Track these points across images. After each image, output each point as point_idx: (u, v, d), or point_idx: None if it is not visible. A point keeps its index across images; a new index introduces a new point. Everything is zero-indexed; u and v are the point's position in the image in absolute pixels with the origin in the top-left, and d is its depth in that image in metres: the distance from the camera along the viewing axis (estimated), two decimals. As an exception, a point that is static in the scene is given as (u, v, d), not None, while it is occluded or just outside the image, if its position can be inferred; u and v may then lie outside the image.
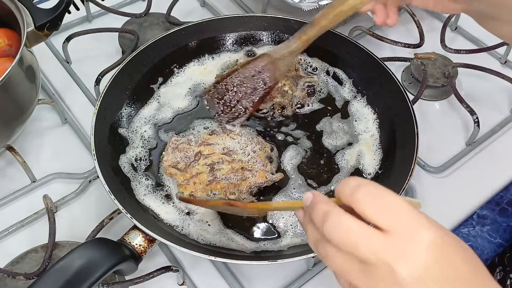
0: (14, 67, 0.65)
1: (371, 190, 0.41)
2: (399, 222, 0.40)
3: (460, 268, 0.40)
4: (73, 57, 0.90)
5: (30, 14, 0.71)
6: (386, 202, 0.40)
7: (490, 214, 0.75)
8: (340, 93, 0.81)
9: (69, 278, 0.52)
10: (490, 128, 0.82)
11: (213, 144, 0.71)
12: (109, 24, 0.95)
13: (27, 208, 0.72)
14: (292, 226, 0.66)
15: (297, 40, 0.71)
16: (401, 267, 0.39)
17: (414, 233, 0.39)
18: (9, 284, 0.63)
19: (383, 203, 0.40)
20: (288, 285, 0.66)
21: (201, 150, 0.70)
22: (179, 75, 0.83)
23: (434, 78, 0.87)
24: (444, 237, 0.40)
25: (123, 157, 0.72)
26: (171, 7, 0.94)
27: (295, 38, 0.72)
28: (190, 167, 0.69)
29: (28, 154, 0.77)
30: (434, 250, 0.39)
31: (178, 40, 0.83)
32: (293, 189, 0.70)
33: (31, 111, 0.74)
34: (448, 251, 0.40)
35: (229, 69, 0.80)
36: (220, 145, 0.72)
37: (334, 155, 0.74)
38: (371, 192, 0.41)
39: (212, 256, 0.59)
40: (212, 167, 0.69)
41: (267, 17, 0.86)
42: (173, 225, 0.66)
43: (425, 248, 0.39)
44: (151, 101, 0.79)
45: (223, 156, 0.70)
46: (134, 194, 0.69)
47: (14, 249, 0.67)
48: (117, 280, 0.63)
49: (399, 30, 0.98)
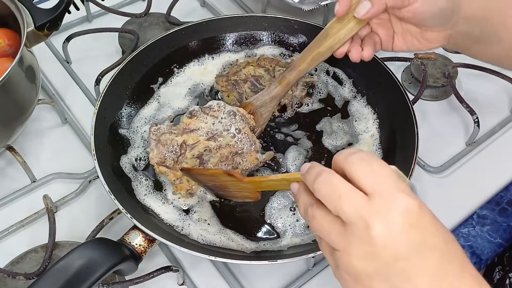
0: (14, 67, 0.65)
1: (363, 156, 0.44)
2: (383, 186, 0.42)
3: (432, 237, 0.42)
4: (73, 57, 0.90)
5: (30, 14, 0.71)
6: (375, 167, 0.43)
7: (490, 214, 0.75)
8: (340, 93, 0.81)
9: (69, 278, 0.52)
10: (490, 128, 0.82)
11: (196, 130, 0.71)
12: (109, 24, 0.95)
13: (27, 208, 0.71)
14: (290, 226, 0.67)
15: (278, 85, 0.73)
16: (377, 225, 0.41)
17: (395, 198, 0.42)
18: (9, 284, 0.63)
19: (371, 168, 0.43)
20: (288, 285, 0.66)
21: (185, 140, 0.70)
22: (179, 75, 0.83)
23: (434, 78, 0.87)
24: (422, 208, 0.42)
25: (124, 158, 0.72)
26: (171, 7, 0.94)
27: (275, 83, 0.73)
28: (178, 163, 0.69)
29: (28, 154, 0.77)
30: (410, 216, 0.41)
31: (178, 40, 0.83)
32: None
33: (31, 111, 0.74)
34: (423, 220, 0.42)
35: (229, 69, 0.80)
36: (203, 129, 0.71)
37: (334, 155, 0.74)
38: (362, 157, 0.44)
39: (212, 256, 0.59)
40: (201, 159, 0.68)
41: (267, 17, 0.86)
42: (173, 225, 0.66)
43: (402, 212, 0.41)
44: (151, 101, 0.79)
45: (209, 143, 0.69)
46: (135, 194, 0.69)
47: (14, 249, 0.67)
48: (117, 280, 0.63)
49: (399, 30, 0.98)
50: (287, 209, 0.68)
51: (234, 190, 0.61)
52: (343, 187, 0.43)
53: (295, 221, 0.67)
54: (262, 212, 0.68)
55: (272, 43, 0.86)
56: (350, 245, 0.42)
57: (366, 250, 0.42)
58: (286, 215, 0.67)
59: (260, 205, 0.68)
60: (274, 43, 0.86)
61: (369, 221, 0.41)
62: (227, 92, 0.78)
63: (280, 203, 0.68)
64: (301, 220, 0.67)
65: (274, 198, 0.69)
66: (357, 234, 0.42)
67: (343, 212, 0.42)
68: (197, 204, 0.68)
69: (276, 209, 0.68)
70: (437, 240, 0.42)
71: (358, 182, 0.43)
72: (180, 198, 0.68)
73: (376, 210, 0.41)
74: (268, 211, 0.68)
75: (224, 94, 0.78)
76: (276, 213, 0.67)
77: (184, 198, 0.68)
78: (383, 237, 0.41)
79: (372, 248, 0.41)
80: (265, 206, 0.68)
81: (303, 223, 0.67)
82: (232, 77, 0.80)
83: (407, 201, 0.42)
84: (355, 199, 0.42)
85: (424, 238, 0.42)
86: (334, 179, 0.44)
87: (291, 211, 0.68)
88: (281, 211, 0.68)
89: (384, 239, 0.41)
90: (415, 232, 0.41)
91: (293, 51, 0.85)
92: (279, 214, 0.67)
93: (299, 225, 0.67)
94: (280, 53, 0.85)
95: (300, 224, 0.67)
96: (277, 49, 0.86)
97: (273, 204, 0.68)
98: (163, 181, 0.70)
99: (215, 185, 0.64)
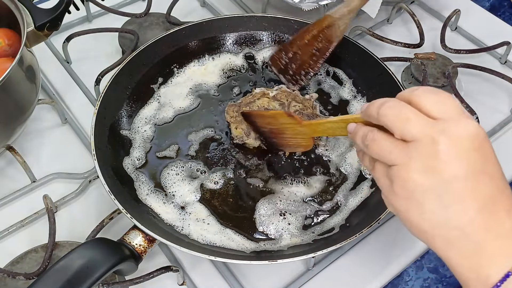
0: (14, 67, 0.65)
1: (429, 88, 0.46)
2: (451, 112, 0.44)
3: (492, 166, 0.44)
4: (73, 57, 0.90)
5: (30, 14, 0.71)
6: (442, 97, 0.45)
7: (490, 214, 0.75)
8: (340, 93, 0.81)
9: (69, 278, 0.52)
10: (490, 128, 0.82)
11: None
12: (109, 24, 0.95)
13: (27, 208, 0.71)
14: (284, 230, 0.66)
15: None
16: (443, 141, 0.42)
17: (463, 122, 0.44)
18: (9, 284, 0.63)
19: (439, 98, 0.45)
20: (288, 285, 0.66)
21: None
22: (179, 75, 0.83)
23: (434, 78, 0.87)
24: (486, 137, 0.44)
25: (127, 159, 0.72)
26: (171, 7, 0.94)
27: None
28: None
29: (28, 154, 0.77)
30: (475, 141, 0.43)
31: (178, 40, 0.83)
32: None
33: (31, 111, 0.74)
34: (487, 148, 0.44)
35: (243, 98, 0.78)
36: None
37: (337, 157, 0.74)
38: (429, 89, 0.46)
39: (212, 256, 0.59)
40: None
41: (267, 17, 0.86)
42: (173, 225, 0.66)
43: (468, 135, 0.43)
44: (151, 101, 0.79)
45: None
46: (137, 194, 0.69)
47: (14, 249, 0.67)
48: (117, 280, 0.63)
49: (399, 30, 0.98)
50: (276, 214, 0.67)
51: (289, 136, 0.63)
52: (411, 111, 0.44)
53: (287, 225, 0.67)
54: (253, 218, 0.67)
55: (272, 43, 0.86)
56: (411, 159, 0.44)
57: (428, 164, 0.43)
58: (277, 220, 0.67)
59: (253, 207, 0.68)
60: (274, 43, 0.86)
61: (436, 137, 0.43)
62: (235, 123, 0.74)
63: (267, 209, 0.68)
64: (292, 224, 0.67)
65: (260, 205, 0.68)
66: (421, 149, 0.43)
67: (410, 132, 0.44)
68: (191, 204, 0.68)
69: (265, 215, 0.67)
70: (495, 170, 0.44)
71: (426, 110, 0.44)
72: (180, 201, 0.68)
73: (443, 129, 0.43)
74: (258, 218, 0.67)
75: (232, 125, 0.75)
76: (266, 219, 0.67)
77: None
78: (447, 153, 0.42)
79: (434, 162, 0.43)
80: (254, 214, 0.68)
81: (296, 226, 0.67)
82: (244, 107, 0.75)
83: (474, 126, 0.43)
84: (423, 120, 0.44)
85: (485, 165, 0.43)
86: (401, 104, 0.45)
87: (281, 215, 0.67)
88: (271, 217, 0.67)
89: (447, 156, 0.42)
90: (478, 157, 0.43)
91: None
92: (270, 220, 0.67)
93: (292, 228, 0.66)
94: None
95: (294, 227, 0.66)
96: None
97: (260, 211, 0.68)
98: (163, 181, 0.70)
99: (272, 129, 0.66)
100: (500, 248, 0.43)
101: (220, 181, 0.71)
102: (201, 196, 0.69)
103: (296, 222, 0.67)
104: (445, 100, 0.45)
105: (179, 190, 0.69)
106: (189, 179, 0.71)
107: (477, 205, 0.43)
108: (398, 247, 0.69)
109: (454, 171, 0.42)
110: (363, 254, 0.68)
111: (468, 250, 0.44)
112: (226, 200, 0.69)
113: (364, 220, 0.64)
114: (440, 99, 0.45)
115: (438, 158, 0.42)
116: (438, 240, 0.45)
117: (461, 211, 0.43)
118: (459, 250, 0.44)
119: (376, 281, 0.66)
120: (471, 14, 1.00)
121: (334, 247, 0.60)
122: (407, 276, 0.69)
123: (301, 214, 0.68)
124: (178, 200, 0.69)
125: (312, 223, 0.67)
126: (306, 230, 0.66)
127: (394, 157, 0.45)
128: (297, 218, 0.67)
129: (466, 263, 0.44)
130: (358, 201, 0.69)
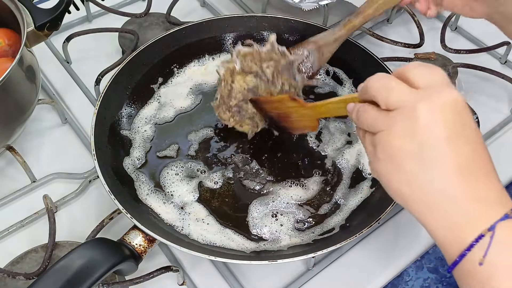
0: (14, 67, 0.65)
1: (422, 63, 0.48)
2: (435, 81, 0.46)
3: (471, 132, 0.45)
4: (73, 57, 0.90)
5: (30, 14, 0.71)
6: (432, 69, 0.47)
7: (490, 214, 0.75)
8: (340, 93, 0.81)
9: (69, 278, 0.52)
10: (490, 128, 0.82)
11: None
12: (109, 24, 0.95)
13: (27, 208, 0.71)
14: (277, 231, 0.66)
15: (342, 28, 0.74)
16: (422, 107, 0.44)
17: (444, 89, 0.45)
18: (9, 284, 0.63)
19: (428, 70, 0.47)
20: (288, 285, 0.66)
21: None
22: (179, 75, 0.83)
23: (434, 78, 0.87)
24: (466, 105, 0.46)
25: (127, 159, 0.72)
26: (171, 7, 0.94)
27: (340, 26, 0.74)
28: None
29: (28, 154, 0.77)
30: (455, 107, 0.44)
31: (178, 40, 0.83)
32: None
33: (31, 111, 0.74)
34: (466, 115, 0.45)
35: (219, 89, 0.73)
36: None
37: (334, 156, 0.74)
38: (419, 63, 0.48)
39: (212, 256, 0.59)
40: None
41: (267, 17, 0.86)
42: (173, 225, 0.66)
43: (448, 102, 0.44)
44: (151, 101, 0.79)
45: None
46: (137, 194, 0.69)
47: (14, 249, 0.67)
48: (117, 280, 0.63)
49: (399, 30, 0.98)
50: (268, 216, 0.67)
51: (295, 119, 0.65)
52: (395, 82, 0.46)
53: (280, 226, 0.67)
54: (246, 221, 0.67)
55: (272, 43, 0.86)
56: (393, 124, 0.45)
57: (408, 128, 0.44)
58: (270, 222, 0.67)
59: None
60: (274, 43, 0.86)
61: (416, 104, 0.44)
62: (238, 123, 0.72)
63: (259, 211, 0.68)
64: (285, 225, 0.67)
65: (252, 208, 0.68)
66: (402, 115, 0.45)
67: (393, 100, 0.46)
68: (190, 204, 0.68)
69: (257, 218, 0.67)
70: (474, 135, 0.45)
71: (412, 81, 0.46)
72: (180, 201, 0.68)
73: (424, 96, 0.44)
74: (251, 221, 0.67)
75: (237, 127, 0.73)
76: (259, 222, 0.67)
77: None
78: (426, 118, 0.44)
79: (413, 127, 0.44)
80: (246, 217, 0.68)
81: (289, 226, 0.67)
82: (229, 102, 0.71)
83: (455, 94, 0.45)
84: (406, 89, 0.46)
85: (464, 130, 0.44)
86: (387, 76, 0.48)
87: (273, 217, 0.67)
88: (263, 219, 0.67)
89: (426, 120, 0.44)
90: (457, 123, 0.44)
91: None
92: (263, 223, 0.67)
93: (286, 229, 0.66)
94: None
95: (286, 228, 0.66)
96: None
97: (253, 214, 0.68)
98: (163, 182, 0.70)
99: (279, 114, 0.68)
100: (477, 210, 0.44)
101: (220, 181, 0.71)
102: (200, 196, 0.69)
103: (291, 225, 0.67)
104: (432, 71, 0.47)
105: (177, 190, 0.69)
106: (187, 179, 0.71)
107: (456, 168, 0.44)
108: (398, 247, 0.69)
109: (433, 135, 0.44)
110: (363, 254, 0.68)
111: (447, 213, 0.45)
112: (225, 200, 0.69)
113: (364, 220, 0.64)
114: (428, 71, 0.47)
115: (417, 123, 0.44)
116: (417, 203, 0.46)
117: (440, 173, 0.44)
118: (438, 213, 0.45)
119: (376, 281, 0.66)
120: (471, 14, 1.00)
121: (334, 247, 0.60)
122: (407, 276, 0.69)
123: (297, 217, 0.68)
124: (176, 200, 0.69)
125: (310, 225, 0.67)
126: (305, 230, 0.66)
127: (379, 124, 0.47)
128: (289, 219, 0.67)
129: (443, 225, 0.45)
130: (358, 201, 0.69)
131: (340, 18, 0.98)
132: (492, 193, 0.45)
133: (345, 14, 0.98)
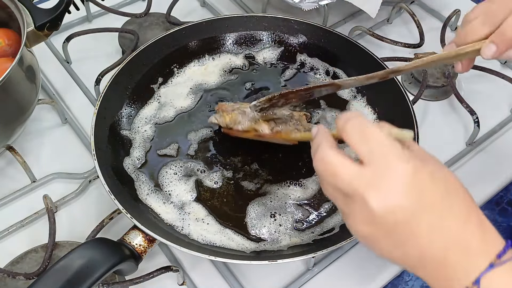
0: (14, 67, 0.65)
1: (358, 121, 0.45)
2: (376, 153, 0.43)
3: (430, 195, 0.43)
4: (73, 57, 0.90)
5: (30, 14, 0.71)
6: (368, 133, 0.44)
7: (490, 214, 0.75)
8: (340, 93, 0.81)
9: (69, 278, 0.52)
10: (490, 128, 0.82)
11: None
12: (109, 24, 0.95)
13: (27, 208, 0.72)
14: (276, 231, 0.66)
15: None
16: (372, 198, 0.42)
17: (389, 165, 0.42)
18: (9, 284, 0.63)
19: (364, 137, 0.44)
20: (288, 285, 0.66)
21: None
22: (179, 75, 0.83)
23: (434, 78, 0.87)
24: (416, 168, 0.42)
25: (127, 159, 0.72)
26: (171, 7, 0.94)
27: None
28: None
29: (28, 154, 0.77)
30: (404, 183, 0.42)
31: (178, 40, 0.83)
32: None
33: (31, 111, 0.74)
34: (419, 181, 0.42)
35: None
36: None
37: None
38: (357, 123, 0.45)
39: (212, 256, 0.59)
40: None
41: (267, 17, 0.86)
42: (173, 225, 0.66)
43: (395, 180, 0.42)
44: (151, 101, 0.79)
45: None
46: (137, 194, 0.69)
47: (14, 249, 0.67)
48: (117, 280, 0.63)
49: (399, 30, 0.98)
50: (267, 216, 0.67)
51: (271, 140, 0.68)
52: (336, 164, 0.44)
53: (278, 226, 0.67)
54: (244, 222, 0.67)
55: (272, 43, 0.86)
56: (352, 212, 0.45)
57: (367, 219, 0.43)
58: (268, 222, 0.67)
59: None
60: (274, 43, 0.86)
61: (364, 194, 0.42)
62: (247, 128, 0.70)
63: (257, 212, 0.68)
64: (284, 225, 0.67)
65: (250, 208, 0.68)
66: (357, 204, 0.44)
67: (340, 186, 0.44)
68: (188, 204, 0.68)
69: (255, 219, 0.67)
70: (435, 197, 0.43)
71: (354, 149, 0.44)
72: (179, 201, 0.68)
73: (369, 182, 0.43)
74: (249, 222, 0.67)
75: (246, 134, 0.70)
76: (257, 223, 0.67)
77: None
78: (380, 207, 0.42)
79: (372, 217, 0.43)
80: (245, 218, 0.67)
81: (288, 226, 0.67)
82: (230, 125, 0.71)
83: (400, 168, 0.42)
84: (348, 174, 0.44)
85: (420, 200, 0.42)
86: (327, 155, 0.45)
87: (272, 217, 0.67)
88: (262, 219, 0.67)
89: (381, 210, 0.42)
90: (411, 197, 0.42)
91: (293, 52, 0.85)
92: (262, 223, 0.67)
93: (284, 229, 0.66)
94: (280, 53, 0.85)
95: (285, 228, 0.66)
96: (277, 49, 0.86)
97: (251, 215, 0.67)
98: (163, 181, 0.70)
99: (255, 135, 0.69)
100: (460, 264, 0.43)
101: (219, 181, 0.71)
102: (199, 195, 0.69)
103: (290, 224, 0.67)
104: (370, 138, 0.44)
105: (175, 189, 0.69)
106: (185, 179, 0.71)
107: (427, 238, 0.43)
108: (398, 247, 0.69)
109: (392, 219, 0.42)
110: (363, 254, 0.68)
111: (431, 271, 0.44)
112: (225, 200, 0.69)
113: (364, 220, 0.64)
114: (366, 137, 0.44)
115: (373, 215, 0.43)
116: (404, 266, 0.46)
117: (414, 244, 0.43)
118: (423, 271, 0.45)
119: (376, 281, 0.66)
120: (471, 14, 1.00)
121: (334, 247, 0.60)
122: (407, 276, 0.69)
123: (296, 216, 0.68)
124: (175, 199, 0.69)
125: (310, 225, 0.67)
126: (305, 230, 0.66)
127: (339, 206, 0.47)
128: (287, 219, 0.67)
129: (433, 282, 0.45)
130: (358, 201, 0.69)
131: (340, 18, 0.98)
132: (475, 240, 0.43)
133: (345, 14, 0.98)
